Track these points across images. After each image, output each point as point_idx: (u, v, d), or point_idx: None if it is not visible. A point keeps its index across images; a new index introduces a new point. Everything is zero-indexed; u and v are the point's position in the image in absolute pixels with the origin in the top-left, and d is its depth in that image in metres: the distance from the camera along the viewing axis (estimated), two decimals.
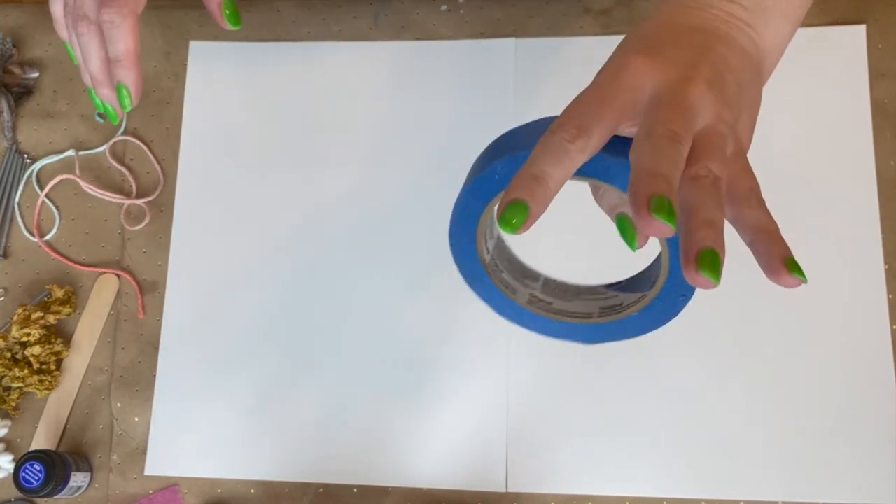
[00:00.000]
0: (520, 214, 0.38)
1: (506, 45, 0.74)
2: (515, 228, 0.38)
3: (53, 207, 0.75)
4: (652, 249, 0.45)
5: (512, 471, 0.65)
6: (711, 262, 0.36)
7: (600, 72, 0.41)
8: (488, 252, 0.47)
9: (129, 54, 0.54)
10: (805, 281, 0.40)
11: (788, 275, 0.40)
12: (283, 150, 0.73)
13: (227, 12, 0.58)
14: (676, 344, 0.66)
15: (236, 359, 0.69)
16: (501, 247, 0.48)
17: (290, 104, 0.75)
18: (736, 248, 0.70)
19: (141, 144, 0.75)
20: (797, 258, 0.70)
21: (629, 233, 0.45)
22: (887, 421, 0.63)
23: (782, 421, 0.64)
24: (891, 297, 0.66)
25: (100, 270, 0.72)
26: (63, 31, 0.58)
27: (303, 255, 0.71)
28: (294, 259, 0.71)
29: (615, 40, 0.72)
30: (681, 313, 0.45)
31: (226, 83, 0.75)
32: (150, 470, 0.68)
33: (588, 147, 0.37)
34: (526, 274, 0.48)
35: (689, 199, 0.36)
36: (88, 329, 0.71)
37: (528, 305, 0.46)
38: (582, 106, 0.38)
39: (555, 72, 0.73)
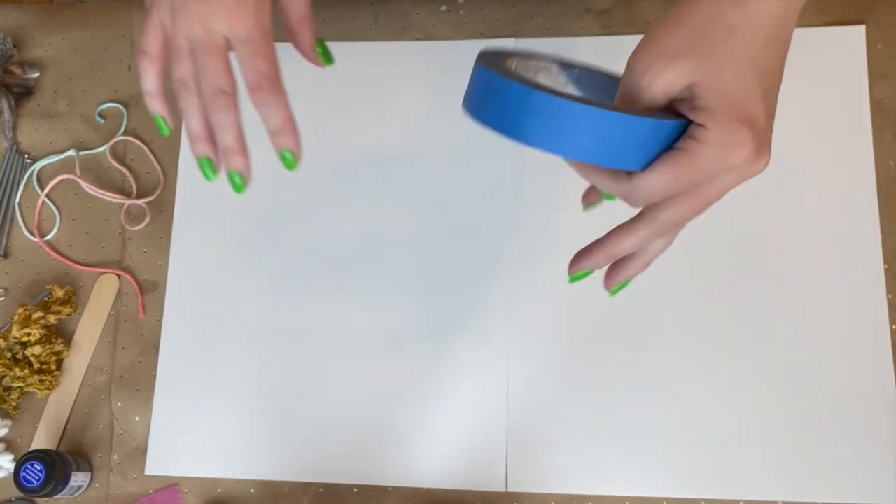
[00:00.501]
0: None
1: (505, 46, 0.74)
2: None
3: (54, 207, 0.75)
4: None
5: (512, 470, 0.65)
6: None
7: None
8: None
9: (287, 122, 0.56)
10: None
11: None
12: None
13: (320, 51, 0.60)
14: (676, 344, 0.66)
15: (236, 359, 0.70)
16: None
17: (290, 104, 0.74)
18: (736, 249, 0.70)
19: (141, 145, 0.75)
20: (797, 258, 0.71)
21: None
22: (887, 421, 0.63)
23: (782, 421, 0.64)
24: (890, 297, 0.66)
25: (100, 270, 0.73)
26: (157, 104, 0.58)
27: (303, 254, 0.71)
28: (294, 259, 0.71)
29: (614, 40, 0.73)
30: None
31: None
32: (150, 469, 0.68)
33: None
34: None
35: None
36: (89, 329, 0.71)
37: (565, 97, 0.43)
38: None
39: None
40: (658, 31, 0.44)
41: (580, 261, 0.51)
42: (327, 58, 0.62)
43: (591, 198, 0.54)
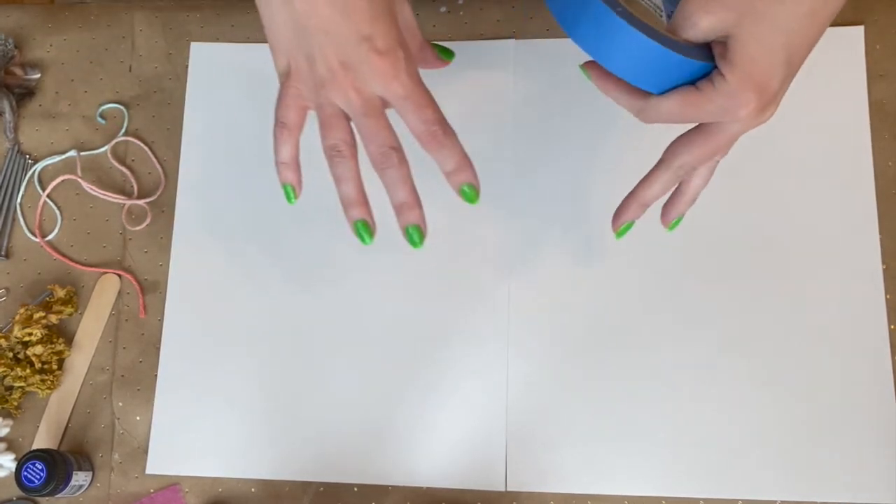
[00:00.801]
0: None
1: (505, 46, 0.74)
2: None
3: (55, 208, 0.75)
4: None
5: (511, 470, 0.65)
6: None
7: None
8: None
9: (463, 160, 0.57)
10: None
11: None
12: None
13: (442, 53, 0.65)
14: (675, 344, 0.66)
15: (237, 358, 0.70)
16: None
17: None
18: (735, 248, 0.70)
19: (142, 145, 0.75)
20: (796, 258, 0.71)
21: None
22: (886, 420, 0.63)
23: (781, 420, 0.64)
24: (889, 297, 0.66)
25: (101, 270, 0.73)
26: (291, 174, 0.59)
27: (303, 254, 0.71)
28: (294, 258, 0.71)
29: None
30: None
31: (227, 84, 0.76)
32: (151, 469, 0.68)
33: None
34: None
35: None
36: (90, 329, 0.72)
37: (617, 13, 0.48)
38: None
39: (554, 73, 0.73)
40: None
41: (619, 216, 0.58)
42: (449, 54, 0.65)
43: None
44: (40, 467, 0.63)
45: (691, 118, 0.50)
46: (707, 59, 0.48)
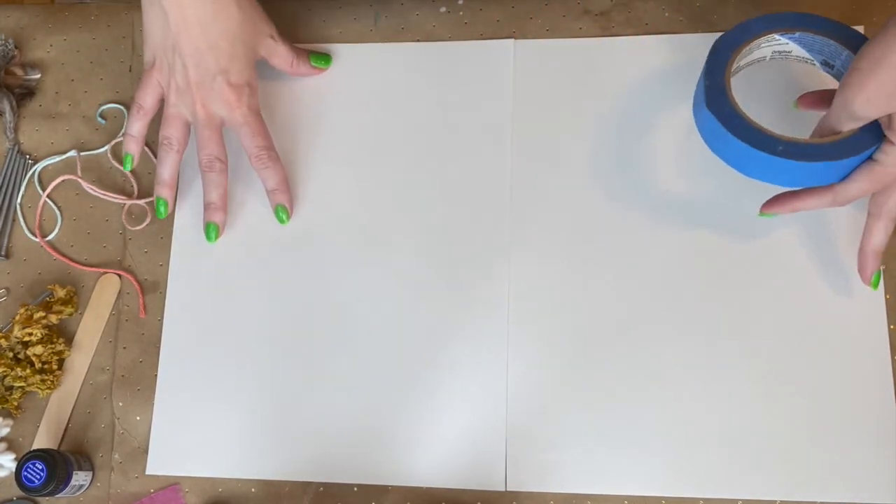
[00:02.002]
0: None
1: (504, 46, 0.74)
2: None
3: (55, 208, 0.75)
4: None
5: (511, 470, 0.65)
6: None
7: None
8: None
9: (282, 183, 0.71)
10: None
11: None
12: (283, 150, 0.73)
13: (316, 62, 0.74)
14: (675, 344, 0.66)
15: (237, 358, 0.70)
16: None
17: (290, 105, 0.75)
18: (734, 248, 0.70)
19: None
20: (795, 258, 0.71)
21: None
22: (886, 420, 0.63)
23: (781, 420, 0.64)
24: (888, 297, 0.66)
25: (101, 270, 0.73)
26: (134, 146, 0.72)
27: (303, 254, 0.71)
28: (294, 258, 0.71)
29: (612, 41, 0.73)
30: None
31: None
32: (151, 469, 0.68)
33: None
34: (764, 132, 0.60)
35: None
36: (90, 329, 0.72)
37: (778, 154, 0.59)
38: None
39: (553, 73, 0.73)
40: (863, 76, 0.56)
41: (863, 271, 0.64)
42: (325, 61, 0.75)
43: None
44: (40, 467, 0.63)
45: (881, 186, 0.59)
46: (867, 145, 0.58)
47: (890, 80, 0.55)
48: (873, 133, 0.58)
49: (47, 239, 0.74)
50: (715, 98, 0.61)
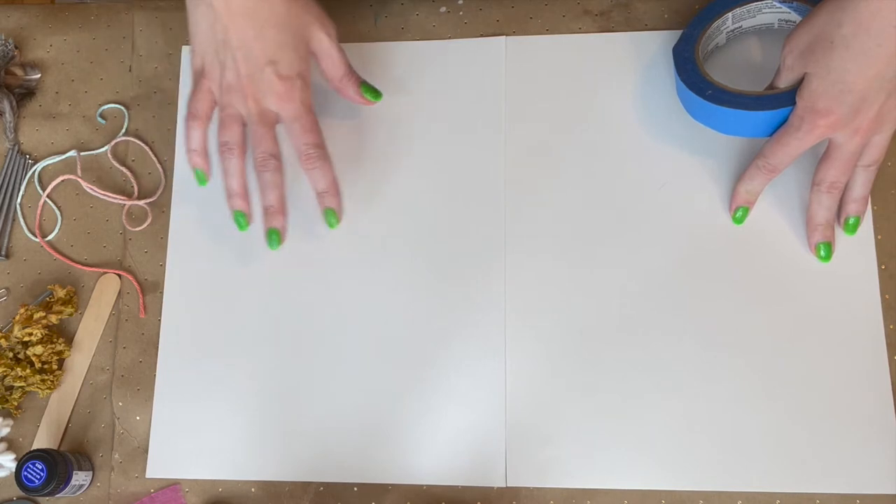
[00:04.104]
0: None
1: (496, 44, 0.74)
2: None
3: (55, 208, 0.75)
4: None
5: (511, 466, 0.65)
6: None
7: None
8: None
9: (332, 185, 0.67)
10: None
11: None
12: (282, 149, 0.73)
13: (366, 93, 0.69)
14: (674, 339, 0.66)
15: (236, 358, 0.70)
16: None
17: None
18: (733, 247, 0.71)
19: (142, 145, 0.75)
20: (795, 258, 0.71)
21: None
22: (882, 415, 0.64)
23: (780, 415, 0.64)
24: (887, 297, 0.66)
25: (101, 270, 0.73)
26: (200, 160, 0.67)
27: (302, 253, 0.71)
28: (294, 258, 0.71)
29: (607, 38, 0.74)
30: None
31: None
32: (151, 469, 0.68)
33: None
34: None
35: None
36: (90, 329, 0.72)
37: (706, 98, 0.63)
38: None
39: (545, 69, 0.73)
40: (796, 30, 0.61)
41: (812, 240, 0.66)
42: (374, 95, 0.70)
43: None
44: (40, 467, 0.63)
45: (796, 147, 0.62)
46: (784, 103, 0.61)
47: (807, 36, 0.60)
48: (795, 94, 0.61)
49: (47, 239, 0.74)
50: (682, 47, 0.66)
